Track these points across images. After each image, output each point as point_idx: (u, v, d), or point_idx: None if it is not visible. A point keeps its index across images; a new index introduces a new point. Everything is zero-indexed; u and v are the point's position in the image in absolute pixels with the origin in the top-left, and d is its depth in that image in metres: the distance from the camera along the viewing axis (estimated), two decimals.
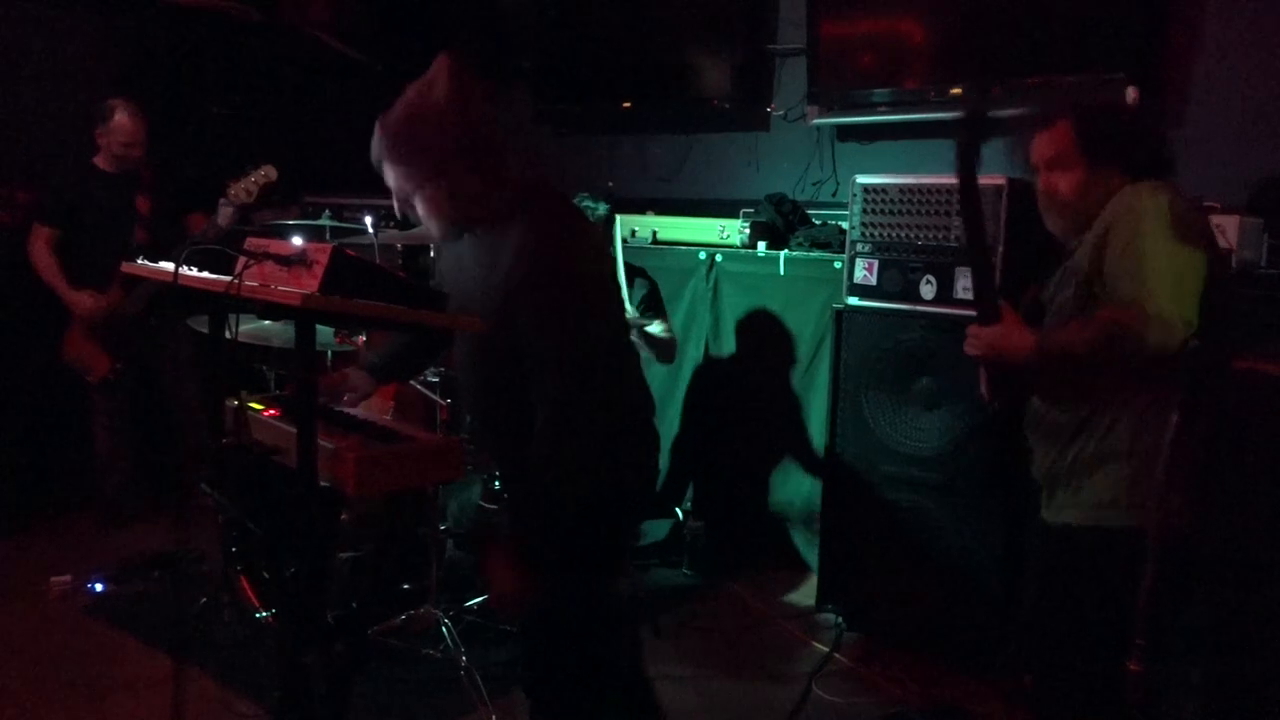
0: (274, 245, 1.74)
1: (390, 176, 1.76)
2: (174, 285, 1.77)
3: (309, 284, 1.62)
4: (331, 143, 4.89)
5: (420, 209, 1.78)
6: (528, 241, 1.72)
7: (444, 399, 3.23)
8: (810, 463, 3.56)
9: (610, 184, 3.86)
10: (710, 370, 3.86)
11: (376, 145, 1.73)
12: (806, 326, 3.59)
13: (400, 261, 4.36)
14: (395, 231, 3.65)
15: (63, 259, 3.82)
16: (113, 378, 3.84)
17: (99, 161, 3.86)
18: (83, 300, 3.77)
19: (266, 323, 3.03)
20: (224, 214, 3.64)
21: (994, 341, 1.87)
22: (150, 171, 3.89)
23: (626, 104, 4.31)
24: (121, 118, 3.77)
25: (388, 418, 2.84)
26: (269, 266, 1.70)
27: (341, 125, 5.18)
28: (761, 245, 3.69)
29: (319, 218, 3.92)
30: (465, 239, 1.86)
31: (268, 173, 3.68)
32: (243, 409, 1.95)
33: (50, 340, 3.92)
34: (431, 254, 3.68)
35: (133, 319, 3.80)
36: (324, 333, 3.08)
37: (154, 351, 3.89)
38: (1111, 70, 3.03)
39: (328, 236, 3.95)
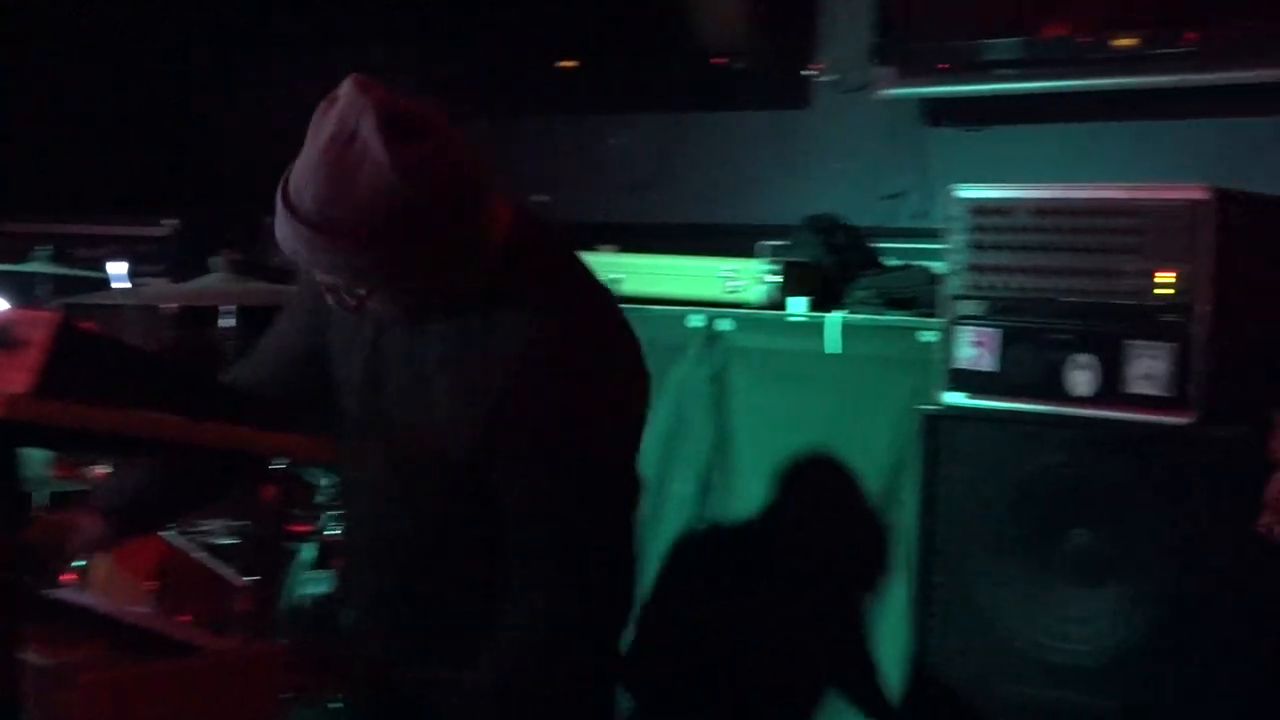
0: None
1: (321, 272, 1.90)
2: None
3: (16, 379, 1.66)
4: (51, 130, 4.82)
5: (375, 303, 1.93)
6: (529, 346, 1.86)
7: (241, 574, 3.19)
8: (877, 678, 3.50)
9: (544, 198, 3.89)
10: (709, 519, 3.82)
11: (290, 238, 1.84)
12: (875, 443, 3.54)
13: (172, 333, 4.31)
14: (166, 284, 3.64)
15: None
16: None
17: None
18: None
19: None
20: None
21: None
22: None
23: (567, 62, 4.36)
24: None
25: (147, 609, 2.79)
26: None
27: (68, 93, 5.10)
28: (797, 303, 3.71)
29: (26, 259, 3.94)
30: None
31: None
32: None
33: None
34: (221, 322, 3.66)
35: None
36: (36, 459, 3.06)
37: None
38: None
39: (48, 295, 3.90)
